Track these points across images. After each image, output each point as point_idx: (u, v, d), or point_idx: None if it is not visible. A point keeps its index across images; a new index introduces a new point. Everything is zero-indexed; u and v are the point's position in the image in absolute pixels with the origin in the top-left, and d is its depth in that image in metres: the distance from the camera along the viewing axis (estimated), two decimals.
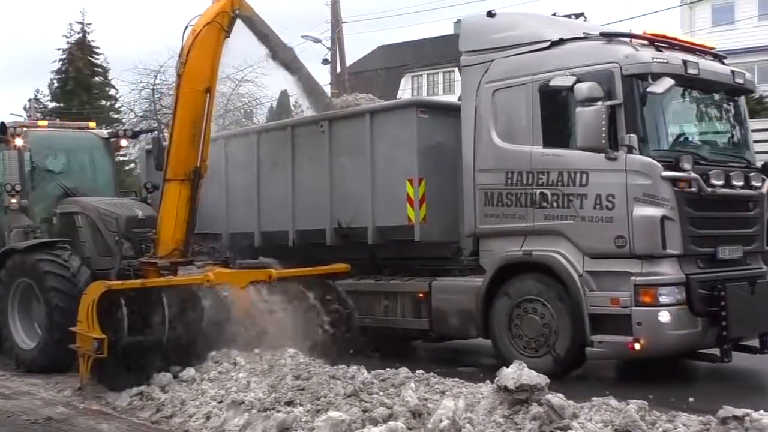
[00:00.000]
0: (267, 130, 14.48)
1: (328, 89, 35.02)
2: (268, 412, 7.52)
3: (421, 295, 11.52)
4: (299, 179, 13.06)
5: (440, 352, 12.67)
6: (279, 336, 9.88)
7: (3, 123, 13.04)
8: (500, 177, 10.66)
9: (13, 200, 12.54)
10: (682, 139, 10.51)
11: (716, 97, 10.73)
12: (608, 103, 9.54)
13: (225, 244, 13.46)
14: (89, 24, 43.44)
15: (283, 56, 12.06)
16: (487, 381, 7.45)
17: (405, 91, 52.84)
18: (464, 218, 11.16)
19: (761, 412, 6.17)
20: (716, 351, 9.83)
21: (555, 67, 10.18)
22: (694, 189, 9.56)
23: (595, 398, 7.00)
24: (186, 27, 10.77)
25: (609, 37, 10.19)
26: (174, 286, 9.84)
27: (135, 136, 14.68)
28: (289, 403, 7.68)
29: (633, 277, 9.48)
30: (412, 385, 7.72)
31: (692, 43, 10.69)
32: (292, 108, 52.87)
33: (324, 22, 34.48)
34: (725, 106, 10.80)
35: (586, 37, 10.55)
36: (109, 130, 15.24)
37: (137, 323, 9.43)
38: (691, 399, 7.84)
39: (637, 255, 9.52)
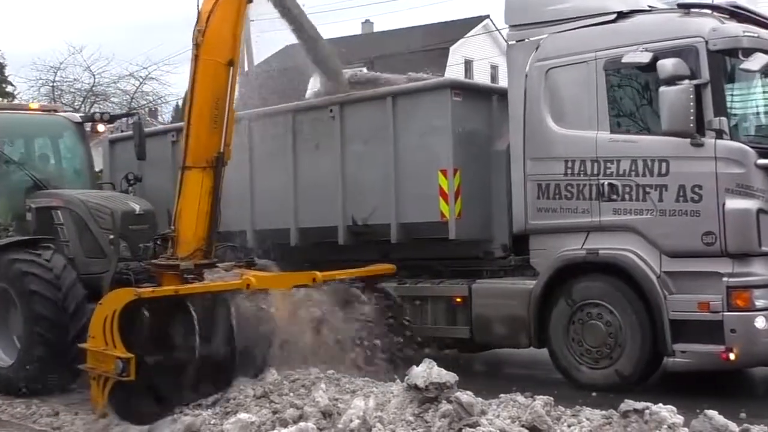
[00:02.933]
0: (261, 116, 12.95)
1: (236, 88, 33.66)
2: (175, 415, 7.47)
3: (458, 299, 10.20)
4: (303, 171, 11.56)
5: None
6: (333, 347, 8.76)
7: None
8: (557, 166, 9.47)
9: None
10: None
11: None
12: (693, 82, 8.47)
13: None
14: None
15: (306, 33, 10.71)
16: (398, 380, 7.45)
17: (313, 90, 51.58)
18: (512, 213, 9.92)
19: (660, 405, 6.24)
20: None
21: (624, 42, 9.06)
22: None
23: (502, 395, 7.06)
24: None
25: (687, 8, 9.10)
26: (213, 292, 8.35)
27: (112, 120, 12.94)
28: (198, 406, 7.63)
29: (725, 279, 8.44)
30: (323, 385, 7.61)
31: (765, 17, 9.70)
32: None
33: None
34: None
35: (651, 10, 9.51)
36: (82, 114, 13.46)
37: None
38: (594, 394, 7.82)
39: (728, 253, 8.47)
